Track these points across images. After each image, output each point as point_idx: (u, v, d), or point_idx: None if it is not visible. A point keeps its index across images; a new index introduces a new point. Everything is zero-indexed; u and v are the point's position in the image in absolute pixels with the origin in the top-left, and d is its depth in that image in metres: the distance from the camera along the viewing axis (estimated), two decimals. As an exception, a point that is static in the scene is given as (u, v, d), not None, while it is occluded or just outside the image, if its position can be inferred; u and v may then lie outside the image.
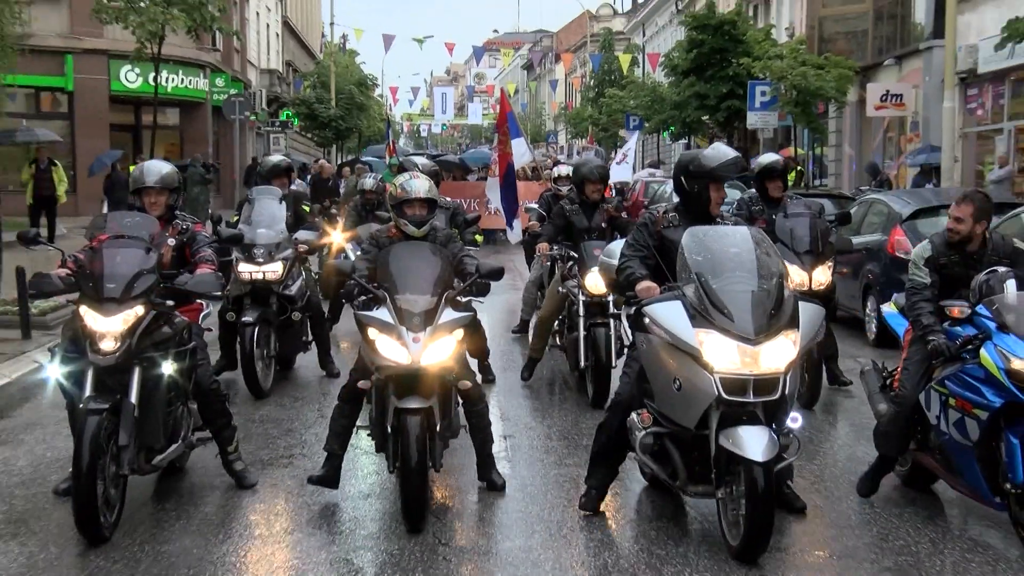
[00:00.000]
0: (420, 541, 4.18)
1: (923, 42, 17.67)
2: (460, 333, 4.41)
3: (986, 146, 16.34)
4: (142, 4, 16.65)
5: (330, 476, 4.58)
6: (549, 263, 8.20)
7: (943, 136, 13.47)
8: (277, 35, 36.23)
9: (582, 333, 6.43)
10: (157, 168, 4.91)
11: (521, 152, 9.82)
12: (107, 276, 4.03)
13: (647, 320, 3.99)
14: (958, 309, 4.32)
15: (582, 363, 6.48)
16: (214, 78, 24.53)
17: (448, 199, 7.62)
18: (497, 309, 10.16)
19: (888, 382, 5.06)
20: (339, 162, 30.43)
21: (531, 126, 54.26)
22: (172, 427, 4.43)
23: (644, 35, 43.76)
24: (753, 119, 20.75)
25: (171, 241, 4.60)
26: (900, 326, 5.14)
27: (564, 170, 9.55)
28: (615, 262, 4.63)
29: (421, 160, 7.96)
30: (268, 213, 6.93)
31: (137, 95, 21.53)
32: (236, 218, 7.50)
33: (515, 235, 10.26)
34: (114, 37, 19.46)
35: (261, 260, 6.53)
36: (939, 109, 13.85)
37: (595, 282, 6.20)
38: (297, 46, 40.39)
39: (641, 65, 37.28)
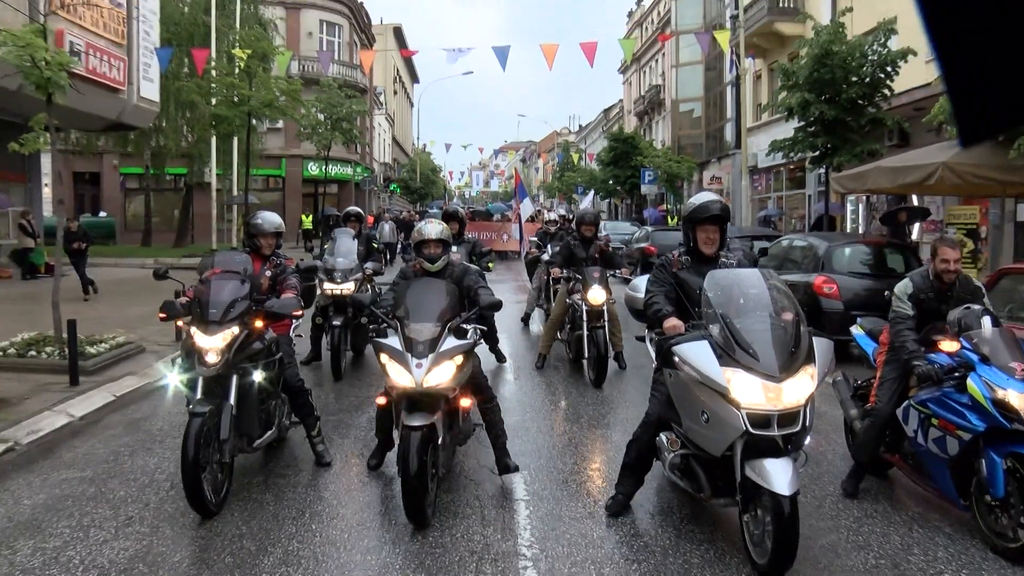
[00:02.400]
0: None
1: (730, 151, 30.29)
2: (460, 359, 4.67)
3: (762, 205, 27.71)
4: (320, 130, 30.47)
5: (380, 457, 5.43)
6: (547, 276, 11.64)
7: (741, 200, 24.60)
8: (388, 143, 56.64)
9: (585, 333, 8.24)
10: (272, 218, 5.94)
11: (527, 207, 14.88)
12: (211, 303, 4.81)
13: (676, 358, 4.07)
14: (947, 342, 4.68)
15: (585, 354, 8.26)
16: (356, 168, 39.36)
17: (472, 235, 11.48)
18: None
19: (858, 391, 5.64)
20: (417, 210, 45.65)
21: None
22: (267, 419, 5.29)
23: (586, 143, 68.62)
24: (644, 189, 37.40)
25: (268, 273, 5.64)
26: (869, 346, 5.67)
27: (552, 216, 14.85)
28: (640, 295, 5.03)
29: (458, 208, 10.16)
30: (345, 247, 8.94)
31: (316, 178, 35.06)
32: (322, 250, 9.67)
33: (523, 260, 15.09)
34: (306, 148, 33.91)
35: (339, 280, 8.54)
36: (739, 186, 25.52)
37: (594, 296, 8.23)
38: (398, 149, 62.22)
39: (583, 159, 60.40)
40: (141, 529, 4.47)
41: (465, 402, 4.98)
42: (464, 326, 4.88)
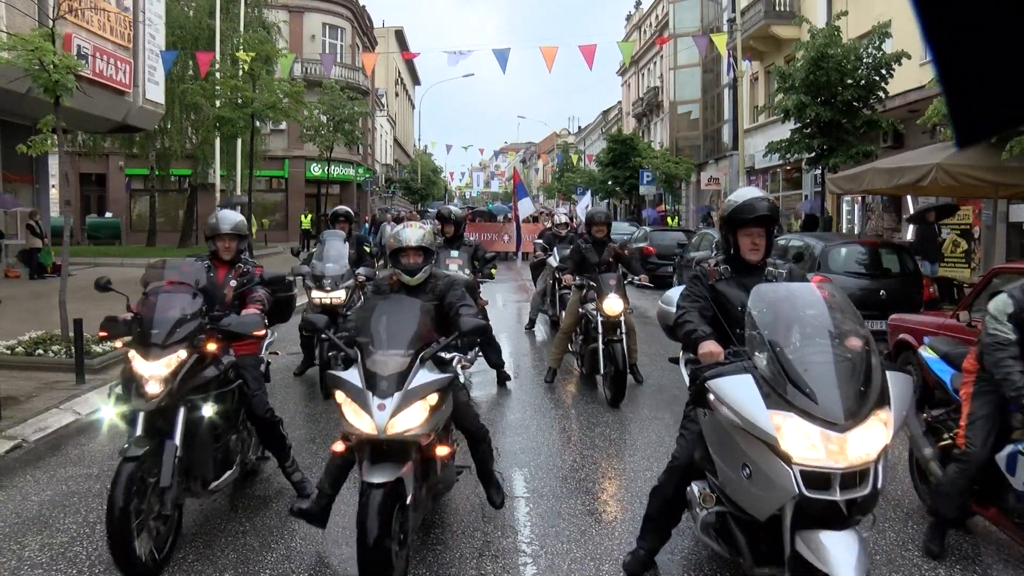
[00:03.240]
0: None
1: (728, 152, 30.24)
2: (434, 398, 3.68)
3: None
4: (322, 132, 30.12)
5: (315, 512, 4.06)
6: (552, 280, 11.16)
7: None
8: (390, 144, 56.63)
9: (601, 346, 7.38)
10: (231, 217, 4.94)
11: (526, 207, 13.86)
12: (154, 322, 4.01)
13: (712, 395, 3.20)
14: None
15: (601, 370, 7.46)
16: (358, 169, 39.07)
17: (473, 238, 9.32)
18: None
19: (931, 426, 4.63)
20: (418, 210, 46.09)
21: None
22: (225, 457, 4.40)
23: (585, 144, 68.69)
24: (643, 189, 37.05)
25: (232, 283, 4.79)
26: (945, 373, 4.69)
27: (561, 218, 13.01)
28: (672, 310, 4.23)
29: (455, 209, 8.85)
30: (335, 251, 8.11)
31: (319, 179, 34.86)
32: (310, 252, 8.75)
33: (519, 260, 14.39)
34: (308, 149, 33.81)
35: (329, 288, 7.75)
36: (737, 186, 23.08)
37: (611, 305, 7.35)
38: (400, 150, 61.94)
39: (583, 160, 59.59)
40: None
41: (442, 450, 3.95)
42: (443, 354, 3.92)
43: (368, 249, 9.26)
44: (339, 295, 7.73)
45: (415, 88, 70.07)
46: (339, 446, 3.88)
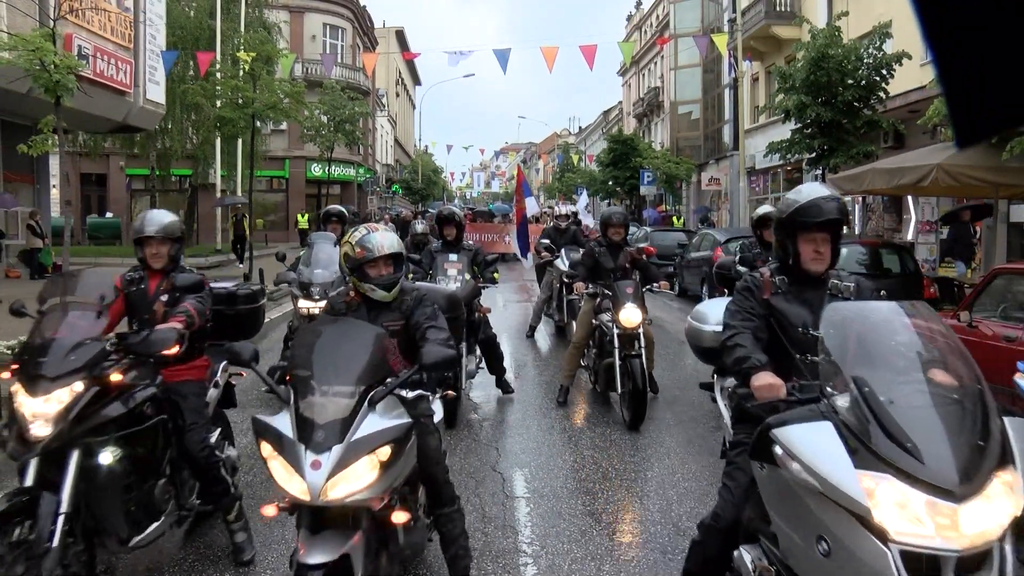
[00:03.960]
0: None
1: (728, 152, 29.73)
2: (386, 451, 2.84)
3: (760, 206, 26.42)
4: (323, 132, 30.19)
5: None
6: (559, 284, 10.41)
7: (740, 200, 23.34)
8: (390, 144, 57.06)
9: (617, 362, 6.57)
10: (159, 218, 4.05)
11: (531, 206, 12.49)
12: (47, 349, 3.26)
13: (778, 449, 2.50)
14: None
15: (619, 389, 6.61)
16: (358, 169, 39.31)
17: (472, 241, 8.40)
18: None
19: None
20: (418, 211, 48.23)
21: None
22: (149, 506, 3.58)
23: (585, 144, 68.47)
24: (643, 190, 36.64)
25: (164, 296, 3.95)
26: None
27: (562, 210, 13.02)
28: (708, 328, 3.75)
29: (454, 210, 8.04)
30: (325, 255, 7.37)
31: (319, 179, 35.46)
32: (298, 257, 8.01)
33: (528, 263, 12.94)
34: (309, 149, 34.00)
35: (317, 297, 7.03)
36: (737, 187, 24.41)
37: (629, 316, 6.60)
38: (400, 150, 62.35)
39: (583, 160, 59.77)
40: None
41: (400, 516, 3.05)
42: (402, 392, 3.13)
43: None
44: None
45: (416, 88, 70.16)
46: (269, 510, 2.93)
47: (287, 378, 3.11)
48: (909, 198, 16.94)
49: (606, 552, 4.14)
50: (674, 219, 31.54)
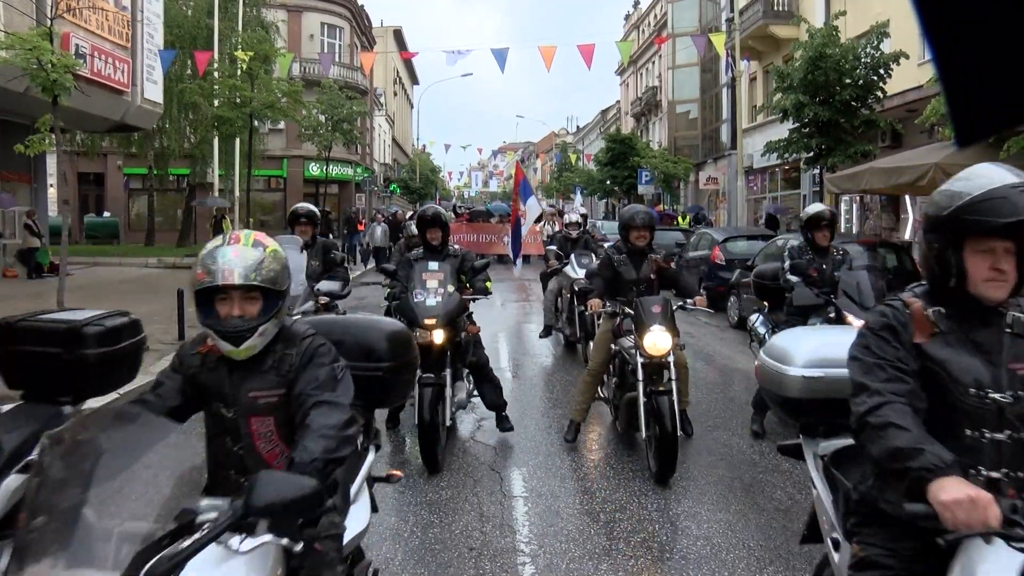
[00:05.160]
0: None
1: (726, 152, 30.16)
2: None
3: (757, 206, 27.66)
4: (320, 131, 29.83)
5: None
6: (570, 295, 9.23)
7: (738, 199, 23.21)
8: (388, 144, 56.27)
9: (642, 399, 5.22)
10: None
11: (533, 208, 10.98)
12: None
13: None
14: None
15: (643, 432, 5.29)
16: (356, 168, 38.51)
17: (458, 247, 6.47)
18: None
19: None
20: (416, 211, 43.56)
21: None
22: None
23: (583, 144, 68.49)
24: (641, 189, 36.15)
25: None
26: None
27: (573, 216, 10.68)
28: (795, 372, 2.76)
29: (439, 211, 6.41)
30: (292, 263, 5.89)
31: (317, 178, 34.65)
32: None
33: (518, 271, 12.39)
34: (307, 149, 33.47)
35: None
36: (735, 186, 23.81)
37: (654, 342, 5.20)
38: (398, 150, 61.36)
39: (581, 160, 59.33)
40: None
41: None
42: (234, 543, 1.80)
43: (334, 256, 6.99)
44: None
45: (413, 87, 70.13)
46: None
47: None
48: (907, 197, 16.95)
49: (604, 551, 4.13)
50: (679, 219, 31.50)
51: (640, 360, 5.25)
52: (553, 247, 10.21)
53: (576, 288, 8.81)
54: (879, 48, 14.25)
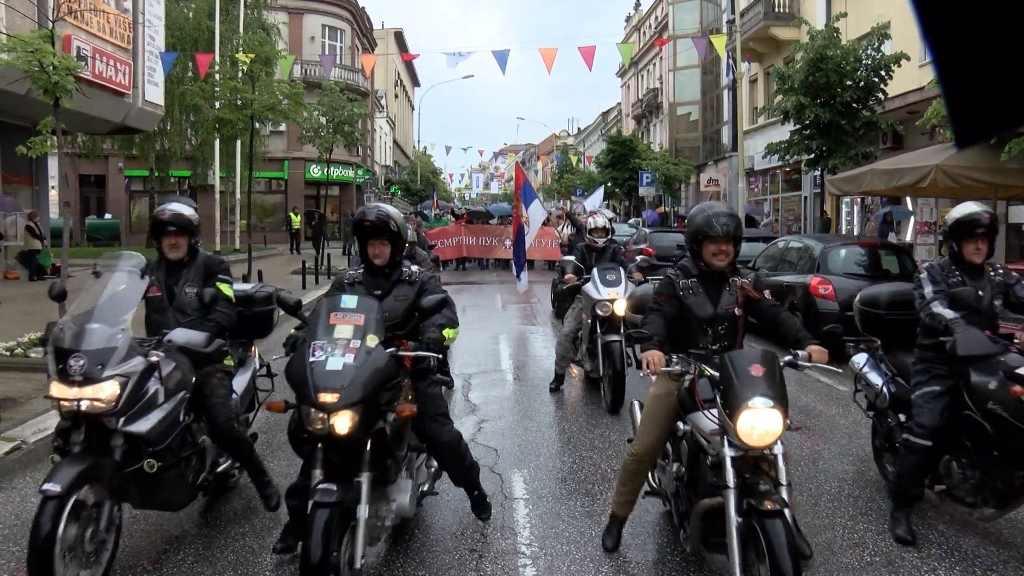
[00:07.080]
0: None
1: (727, 153, 30.90)
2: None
3: (759, 208, 27.85)
4: (322, 133, 28.50)
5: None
6: (591, 319, 7.24)
7: (738, 201, 22.28)
8: (389, 145, 57.15)
9: (734, 519, 3.25)
10: None
11: (537, 213, 10.39)
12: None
13: None
14: None
15: (737, 572, 3.25)
16: (357, 170, 39.31)
17: (417, 268, 4.28)
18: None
19: None
20: (415, 211, 47.69)
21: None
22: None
23: (584, 145, 70.27)
24: (642, 191, 37.07)
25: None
26: None
27: (598, 220, 8.09)
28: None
29: (391, 210, 4.17)
30: (119, 300, 4.09)
31: (318, 180, 33.72)
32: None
33: (522, 285, 11.60)
34: (308, 150, 31.98)
35: (78, 377, 3.59)
36: (736, 188, 23.32)
37: (755, 424, 3.26)
38: (399, 151, 62.33)
39: (582, 162, 59.90)
40: (145, 527, 4.46)
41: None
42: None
43: (211, 295, 4.38)
44: (101, 392, 3.61)
45: (415, 89, 70.24)
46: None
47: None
48: (908, 199, 16.96)
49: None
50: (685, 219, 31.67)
51: (729, 453, 3.34)
52: (571, 258, 8.13)
53: (599, 312, 7.10)
54: (880, 50, 14.27)
